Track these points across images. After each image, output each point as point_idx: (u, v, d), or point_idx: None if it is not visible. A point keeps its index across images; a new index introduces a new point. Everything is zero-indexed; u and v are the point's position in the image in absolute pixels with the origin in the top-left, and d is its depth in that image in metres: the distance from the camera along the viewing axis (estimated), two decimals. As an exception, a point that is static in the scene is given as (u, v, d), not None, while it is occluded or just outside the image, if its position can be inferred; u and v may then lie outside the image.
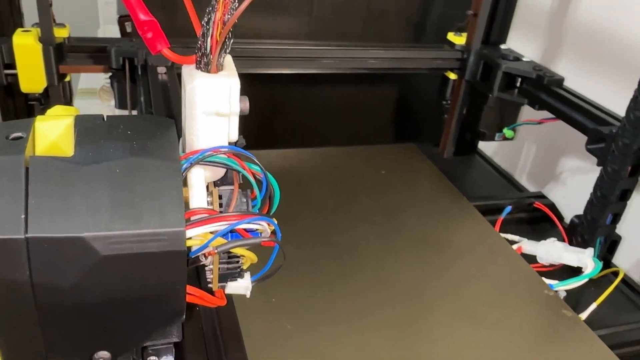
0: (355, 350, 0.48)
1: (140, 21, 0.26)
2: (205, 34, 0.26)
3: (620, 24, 0.77)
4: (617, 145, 0.64)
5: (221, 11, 0.26)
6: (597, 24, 0.81)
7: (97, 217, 0.24)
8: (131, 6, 0.26)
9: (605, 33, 0.80)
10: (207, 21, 0.26)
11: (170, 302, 0.27)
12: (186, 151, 0.28)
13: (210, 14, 0.26)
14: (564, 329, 0.54)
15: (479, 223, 0.68)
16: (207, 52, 0.26)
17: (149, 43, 0.27)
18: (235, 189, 0.29)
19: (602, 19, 0.80)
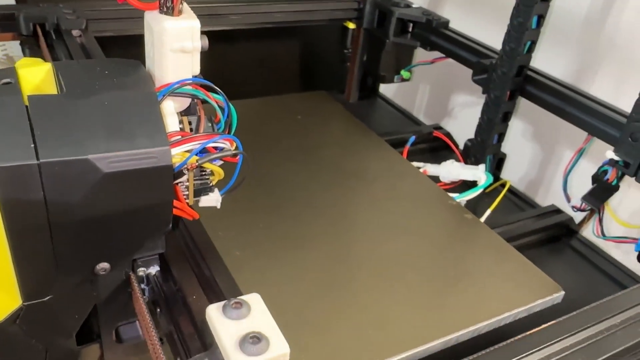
0: (296, 262, 0.55)
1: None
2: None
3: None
4: (497, 74, 0.75)
5: (179, -38, 0.31)
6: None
7: (96, 141, 0.29)
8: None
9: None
10: (167, -28, 0.31)
11: (160, 212, 0.32)
12: (156, 86, 0.33)
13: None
14: (466, 228, 0.64)
15: (389, 153, 0.77)
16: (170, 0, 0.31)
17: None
18: (202, 115, 0.34)
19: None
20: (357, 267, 0.56)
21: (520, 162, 0.92)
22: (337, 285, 0.54)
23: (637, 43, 0.73)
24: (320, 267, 0.56)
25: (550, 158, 0.90)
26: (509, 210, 0.78)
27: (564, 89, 0.71)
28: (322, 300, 0.52)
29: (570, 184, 0.73)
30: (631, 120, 0.60)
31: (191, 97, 0.34)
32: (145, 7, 0.33)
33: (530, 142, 0.92)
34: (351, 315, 0.51)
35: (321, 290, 0.53)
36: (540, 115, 0.78)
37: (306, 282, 0.53)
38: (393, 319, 0.51)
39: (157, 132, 0.30)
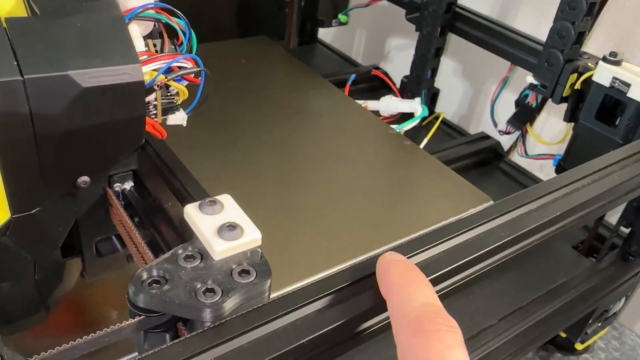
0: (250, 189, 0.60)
1: None
2: None
3: None
4: (428, 12, 0.80)
5: None
6: None
7: (75, 59, 0.32)
8: None
9: None
10: None
11: (134, 127, 0.36)
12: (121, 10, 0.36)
13: None
14: (406, 153, 0.70)
15: (332, 91, 0.82)
16: None
17: None
18: (165, 36, 0.37)
19: None
20: (307, 190, 0.61)
21: (453, 96, 0.99)
22: (290, 206, 0.59)
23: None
24: (273, 192, 0.60)
25: (480, 91, 0.97)
26: (444, 139, 0.85)
27: (489, 23, 0.77)
28: (277, 220, 0.56)
29: (496, 111, 0.80)
30: (547, 47, 0.67)
31: (154, 21, 0.37)
32: (107, -64, 0.35)
33: (461, 78, 0.99)
34: (305, 230, 0.56)
35: (275, 211, 0.58)
36: (469, 54, 0.84)
37: (261, 206, 0.58)
38: (343, 231, 0.56)
39: (128, 50, 0.33)
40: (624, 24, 0.78)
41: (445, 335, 0.24)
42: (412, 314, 0.25)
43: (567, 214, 0.44)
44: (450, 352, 0.23)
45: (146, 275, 0.31)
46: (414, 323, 0.25)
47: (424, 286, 0.27)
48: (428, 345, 0.24)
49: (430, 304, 0.26)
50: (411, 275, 0.28)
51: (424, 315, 0.25)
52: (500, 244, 0.39)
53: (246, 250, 0.33)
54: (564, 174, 0.49)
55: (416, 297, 0.26)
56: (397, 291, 0.27)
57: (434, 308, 0.26)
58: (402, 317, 0.25)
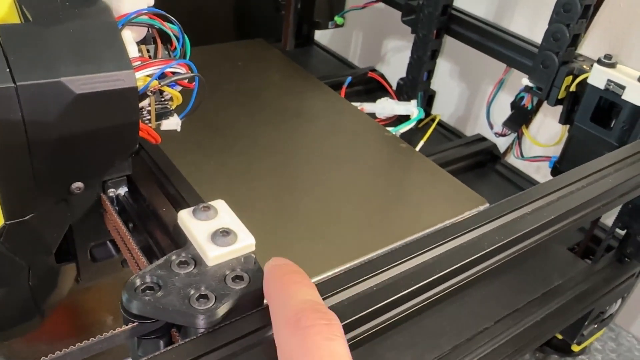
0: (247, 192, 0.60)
1: None
2: None
3: None
4: (424, 14, 0.80)
5: None
6: None
7: (67, 65, 0.32)
8: None
9: None
10: None
11: (127, 132, 0.36)
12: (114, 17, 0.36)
13: None
14: (402, 156, 0.70)
15: (328, 93, 0.82)
16: None
17: None
18: (159, 42, 0.37)
19: None
20: (303, 194, 0.61)
21: (449, 98, 0.99)
22: (286, 210, 0.59)
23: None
24: (269, 195, 0.60)
25: (476, 93, 0.97)
26: (440, 141, 0.85)
27: (485, 25, 0.78)
28: (273, 224, 0.56)
29: (492, 113, 0.80)
30: (542, 50, 0.67)
31: (148, 27, 0.37)
32: (99, -58, 0.35)
33: (457, 80, 0.99)
34: (301, 234, 0.56)
35: (271, 215, 0.58)
36: (465, 56, 0.84)
37: (256, 209, 0.58)
38: (339, 235, 0.56)
39: (121, 56, 0.33)
40: (619, 25, 0.78)
41: (323, 329, 0.23)
42: (290, 313, 0.25)
43: (561, 217, 0.44)
44: (328, 345, 0.23)
45: (139, 282, 0.31)
46: (292, 321, 0.24)
47: (303, 285, 0.27)
48: (305, 340, 0.23)
49: (308, 301, 0.25)
50: (291, 277, 0.27)
51: (301, 312, 0.24)
52: (494, 248, 0.39)
53: (240, 255, 0.33)
54: (559, 177, 0.49)
55: (294, 296, 0.26)
56: (276, 294, 0.26)
57: (311, 304, 0.25)
58: (281, 318, 0.25)
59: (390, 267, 0.36)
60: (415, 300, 0.36)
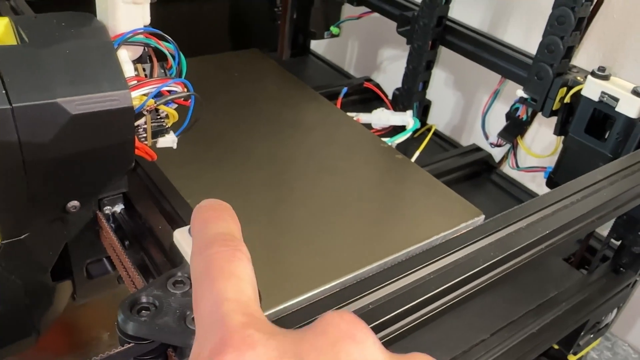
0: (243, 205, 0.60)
1: None
2: (113, -61, 0.34)
3: None
4: (419, 25, 0.81)
5: None
6: None
7: (63, 86, 0.32)
8: None
9: None
10: None
11: (123, 151, 0.36)
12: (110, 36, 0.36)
13: None
14: (397, 167, 0.70)
15: (324, 104, 0.82)
16: (119, -47, 0.34)
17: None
18: (154, 61, 0.38)
19: None
20: (299, 205, 0.61)
21: (445, 108, 0.99)
22: (283, 222, 0.59)
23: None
24: (266, 207, 0.60)
25: (471, 103, 0.98)
26: (436, 151, 0.85)
27: (479, 36, 0.78)
28: (270, 237, 0.57)
29: (488, 123, 0.81)
30: (536, 61, 0.67)
31: (144, 46, 0.37)
32: (95, -37, 0.35)
33: (453, 89, 1.00)
34: (297, 246, 0.56)
35: (267, 227, 0.58)
36: (461, 66, 0.84)
37: (253, 222, 0.58)
38: (335, 247, 0.56)
39: (117, 76, 0.34)
40: (613, 36, 0.79)
41: (227, 254, 0.24)
42: (202, 242, 0.25)
43: (556, 231, 0.44)
44: (229, 265, 0.24)
45: (135, 302, 0.31)
46: (202, 248, 0.25)
47: (221, 220, 0.27)
48: (209, 263, 0.24)
49: (221, 234, 0.26)
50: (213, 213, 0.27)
51: (212, 241, 0.25)
52: (489, 265, 0.39)
53: (236, 274, 0.33)
54: (554, 190, 0.50)
55: (211, 228, 0.26)
56: (197, 227, 0.27)
57: (222, 236, 0.25)
58: (194, 247, 0.26)
59: (386, 284, 0.37)
60: (411, 317, 0.37)
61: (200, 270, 0.24)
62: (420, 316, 0.37)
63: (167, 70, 0.38)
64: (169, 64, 0.38)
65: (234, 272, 0.24)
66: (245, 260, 0.25)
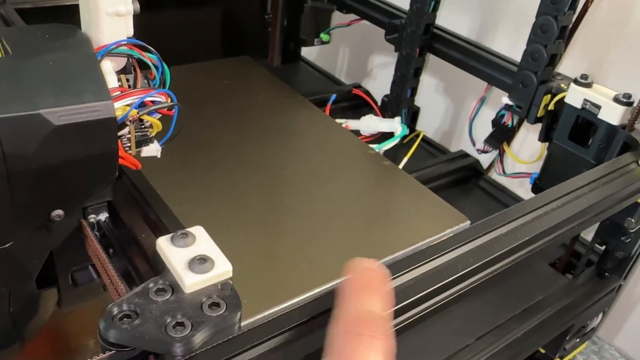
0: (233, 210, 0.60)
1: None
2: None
3: None
4: (407, 33, 0.82)
5: None
6: None
7: (46, 97, 0.32)
8: None
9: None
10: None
11: (107, 161, 0.36)
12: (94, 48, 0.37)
13: (98, -64, 0.34)
14: (385, 174, 0.71)
15: (313, 111, 0.83)
16: (102, -33, 0.35)
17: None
18: (138, 72, 0.38)
19: None
20: (288, 211, 0.62)
21: (434, 114, 1.00)
22: (270, 228, 0.59)
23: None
24: (253, 214, 0.61)
25: (460, 109, 0.99)
26: (424, 158, 0.86)
27: (466, 44, 0.79)
28: (257, 243, 0.57)
29: (475, 129, 0.82)
30: (521, 69, 0.68)
31: (127, 57, 0.38)
32: (79, -24, 0.36)
33: (441, 96, 1.01)
34: (284, 252, 0.56)
35: (254, 234, 0.58)
36: (449, 72, 0.85)
37: (240, 228, 0.58)
38: (322, 254, 0.57)
39: (100, 87, 0.34)
40: (598, 43, 0.80)
41: (374, 342, 0.25)
42: (351, 317, 0.27)
43: (535, 238, 0.45)
44: (368, 355, 0.25)
45: (117, 310, 0.31)
46: (349, 324, 0.26)
47: (374, 296, 0.28)
48: (351, 345, 0.25)
49: (371, 312, 0.27)
50: (368, 285, 0.29)
51: (361, 319, 0.26)
52: (469, 270, 0.40)
53: (217, 282, 0.34)
54: (536, 196, 0.50)
55: (362, 303, 0.27)
56: (348, 295, 0.28)
57: (372, 315, 0.26)
58: (342, 317, 0.27)
59: (367, 290, 0.37)
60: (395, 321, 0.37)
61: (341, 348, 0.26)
62: (402, 321, 0.38)
63: (151, 80, 0.39)
64: (152, 75, 0.38)
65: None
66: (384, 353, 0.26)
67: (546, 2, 0.64)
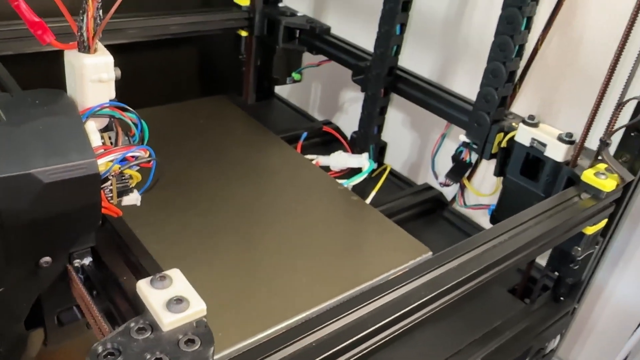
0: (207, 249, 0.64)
1: (33, 22, 0.37)
2: (81, 28, 0.39)
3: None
4: (372, 75, 0.87)
5: (92, 11, 0.38)
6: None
7: (37, 158, 0.36)
8: (22, 12, 0.37)
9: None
10: (82, 20, 0.39)
11: (91, 211, 0.40)
12: (80, 110, 0.41)
13: (83, 15, 0.39)
14: (352, 208, 0.76)
15: (285, 149, 0.87)
16: (86, 42, 0.39)
17: (40, 37, 0.38)
18: (119, 130, 0.42)
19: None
20: (260, 247, 0.66)
21: (401, 148, 1.05)
22: (243, 265, 0.63)
23: (486, 41, 0.88)
24: (228, 250, 0.65)
25: (426, 144, 1.04)
26: (391, 191, 0.91)
27: (427, 84, 0.85)
28: (231, 278, 0.61)
29: (438, 163, 0.87)
30: (475, 110, 0.74)
31: (109, 117, 0.42)
32: (66, 47, 0.40)
33: (409, 130, 1.06)
34: (255, 288, 0.60)
35: (229, 270, 0.62)
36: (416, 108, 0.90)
37: (215, 265, 0.62)
38: (292, 287, 0.61)
39: (84, 147, 0.38)
40: (548, 83, 0.86)
41: None
42: None
43: (490, 266, 0.50)
44: None
45: (101, 349, 0.35)
46: None
47: None
48: None
49: None
50: None
51: None
52: (420, 303, 0.44)
53: (192, 320, 0.38)
54: (489, 229, 0.55)
55: None
56: None
57: None
58: None
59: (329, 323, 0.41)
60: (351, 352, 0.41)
61: None
62: (360, 351, 0.42)
63: (131, 137, 0.43)
64: (132, 132, 0.43)
65: None
66: None
67: (496, 49, 0.70)
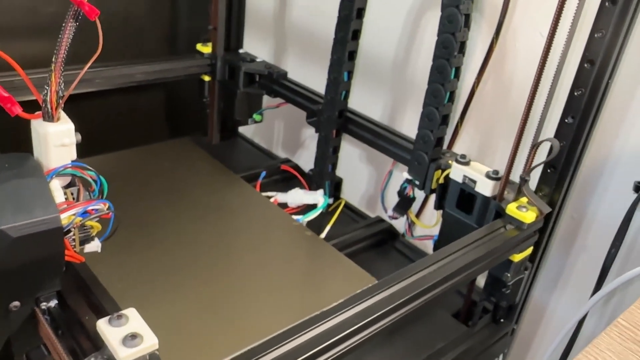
0: (167, 286, 0.69)
1: (3, 97, 0.43)
2: (46, 101, 0.45)
3: (320, 25, 1.07)
4: (324, 117, 0.94)
5: (54, 86, 0.44)
6: (306, 26, 1.11)
7: (6, 216, 0.42)
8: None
9: (311, 33, 1.10)
10: (46, 93, 0.45)
11: (56, 260, 0.45)
12: (45, 170, 0.46)
13: (47, 88, 0.45)
14: (306, 243, 0.82)
15: (245, 188, 0.93)
16: (50, 112, 0.45)
17: (9, 110, 0.44)
18: (80, 187, 0.48)
19: (309, 23, 1.10)
20: (218, 282, 0.72)
21: (356, 183, 1.12)
22: (201, 300, 0.69)
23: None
24: (188, 285, 0.70)
25: (380, 178, 1.11)
26: (346, 224, 0.97)
27: (374, 125, 0.92)
28: (189, 312, 0.66)
29: (386, 198, 0.94)
30: (415, 150, 0.81)
31: (71, 176, 0.48)
32: (33, 117, 0.46)
33: (364, 165, 1.13)
34: (212, 322, 0.65)
35: (188, 304, 0.67)
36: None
37: (176, 300, 0.67)
38: (246, 319, 0.66)
39: (49, 204, 0.44)
40: (486, 122, 0.94)
41: None
42: None
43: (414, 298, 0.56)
44: None
45: (64, 382, 0.40)
46: None
47: None
48: None
49: None
50: None
51: None
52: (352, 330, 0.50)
53: (146, 354, 0.43)
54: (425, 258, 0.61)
55: None
56: None
57: None
58: None
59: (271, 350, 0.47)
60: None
61: None
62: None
63: (91, 192, 0.48)
64: (92, 188, 0.48)
65: None
66: None
67: (429, 95, 0.78)
